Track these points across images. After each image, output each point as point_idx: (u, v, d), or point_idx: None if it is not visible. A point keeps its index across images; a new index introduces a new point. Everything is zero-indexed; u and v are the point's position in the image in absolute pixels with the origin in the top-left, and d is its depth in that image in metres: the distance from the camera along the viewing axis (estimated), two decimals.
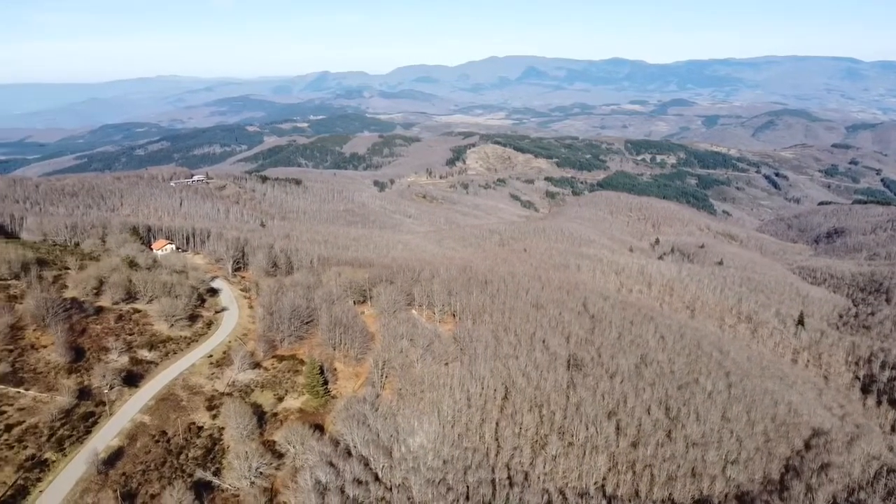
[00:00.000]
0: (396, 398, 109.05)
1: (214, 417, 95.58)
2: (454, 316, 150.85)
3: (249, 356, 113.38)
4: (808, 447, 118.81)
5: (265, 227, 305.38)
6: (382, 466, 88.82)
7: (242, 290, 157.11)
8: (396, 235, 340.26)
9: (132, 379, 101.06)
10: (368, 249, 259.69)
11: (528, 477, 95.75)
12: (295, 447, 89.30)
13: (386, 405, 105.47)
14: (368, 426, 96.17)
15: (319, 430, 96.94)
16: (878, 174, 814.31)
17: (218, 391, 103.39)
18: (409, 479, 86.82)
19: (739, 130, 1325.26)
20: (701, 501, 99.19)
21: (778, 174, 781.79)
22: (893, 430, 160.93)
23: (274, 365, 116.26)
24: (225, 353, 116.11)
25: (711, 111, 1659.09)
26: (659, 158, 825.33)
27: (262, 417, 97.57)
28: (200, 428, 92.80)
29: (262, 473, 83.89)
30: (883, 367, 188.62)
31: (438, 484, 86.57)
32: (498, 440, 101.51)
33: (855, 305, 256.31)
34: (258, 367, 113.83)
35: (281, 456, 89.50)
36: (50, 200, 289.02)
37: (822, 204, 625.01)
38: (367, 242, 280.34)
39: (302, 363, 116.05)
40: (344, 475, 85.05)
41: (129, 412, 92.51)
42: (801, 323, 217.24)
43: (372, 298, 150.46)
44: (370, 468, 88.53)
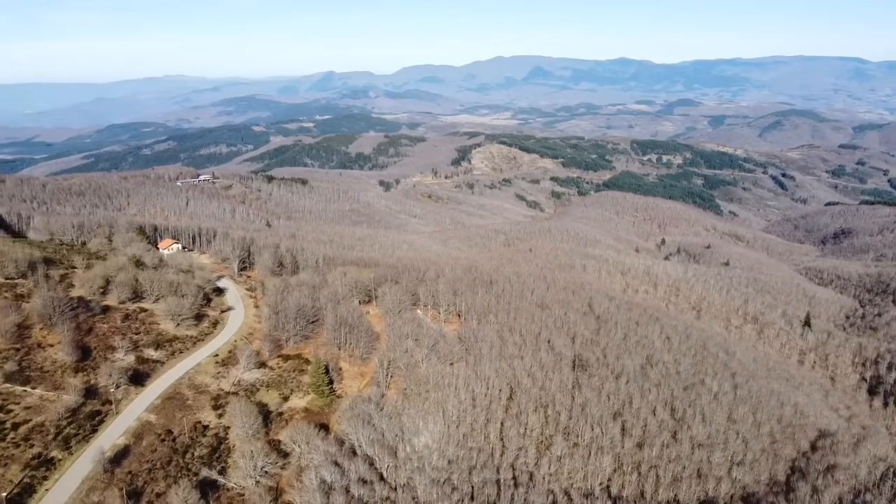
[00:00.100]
0: (401, 398, 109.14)
1: (220, 416, 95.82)
2: (459, 316, 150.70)
3: (255, 355, 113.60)
4: (814, 449, 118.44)
5: (271, 226, 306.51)
6: (387, 466, 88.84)
7: (248, 289, 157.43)
8: (402, 235, 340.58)
9: (138, 378, 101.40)
10: (374, 249, 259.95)
11: (533, 477, 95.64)
12: (300, 446, 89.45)
13: (391, 405, 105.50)
14: (373, 426, 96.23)
15: (324, 429, 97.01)
16: (885, 175, 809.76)
17: (224, 390, 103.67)
18: (413, 478, 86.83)
19: (746, 131, 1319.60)
20: (706, 502, 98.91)
21: (785, 175, 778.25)
22: None
23: (279, 364, 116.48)
24: (231, 352, 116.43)
25: (718, 111, 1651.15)
26: (665, 159, 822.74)
27: (267, 417, 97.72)
28: (206, 427, 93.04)
29: (267, 472, 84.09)
30: (890, 368, 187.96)
31: (443, 484, 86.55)
32: (503, 440, 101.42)
33: (862, 306, 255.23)
34: (264, 366, 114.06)
35: (286, 455, 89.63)
36: (57, 200, 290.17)
37: (828, 205, 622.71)
38: (372, 242, 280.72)
39: (307, 363, 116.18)
40: (349, 475, 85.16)
41: (135, 411, 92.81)
42: (807, 324, 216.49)
43: (377, 298, 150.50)
44: (375, 468, 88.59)
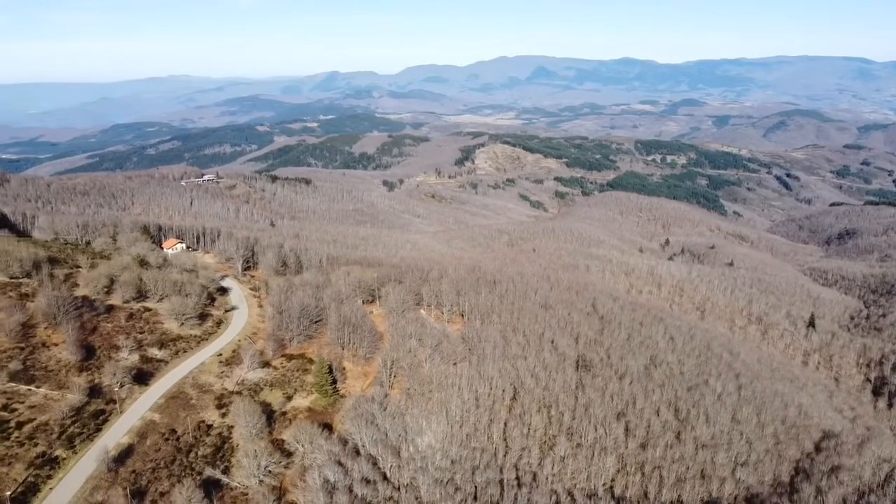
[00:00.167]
0: (405, 398, 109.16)
1: (224, 416, 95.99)
2: (463, 316, 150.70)
3: (259, 355, 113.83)
4: (818, 450, 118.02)
5: (275, 226, 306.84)
6: (391, 466, 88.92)
7: (252, 289, 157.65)
8: (405, 235, 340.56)
9: (142, 377, 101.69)
10: (377, 249, 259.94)
11: (536, 478, 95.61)
12: (304, 446, 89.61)
13: (394, 405, 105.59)
14: (377, 425, 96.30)
15: (328, 429, 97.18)
16: (890, 175, 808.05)
17: (227, 390, 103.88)
18: (417, 478, 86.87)
19: (750, 131, 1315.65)
20: (710, 503, 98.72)
21: (789, 175, 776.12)
22: None
23: (283, 364, 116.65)
24: (234, 351, 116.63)
25: (722, 111, 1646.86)
26: (669, 159, 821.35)
27: (271, 416, 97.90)
28: (210, 426, 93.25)
29: (270, 472, 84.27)
30: (894, 369, 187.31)
31: (446, 484, 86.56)
32: (506, 440, 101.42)
33: (866, 307, 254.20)
34: (267, 365, 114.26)
35: (290, 455, 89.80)
36: (61, 199, 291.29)
37: (833, 205, 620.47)
38: (375, 242, 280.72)
39: (311, 362, 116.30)
40: (352, 474, 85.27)
41: (139, 410, 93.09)
42: (811, 325, 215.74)
43: (381, 298, 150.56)
44: (378, 467, 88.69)
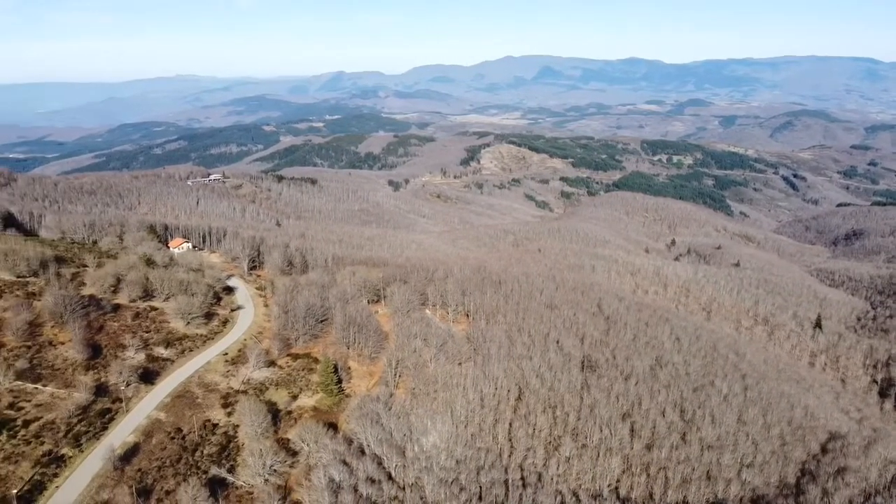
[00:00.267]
0: (410, 397, 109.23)
1: (229, 415, 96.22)
2: (468, 316, 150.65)
3: (264, 354, 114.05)
4: (824, 451, 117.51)
5: (281, 226, 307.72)
6: (395, 465, 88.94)
7: (258, 288, 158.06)
8: (410, 235, 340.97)
9: (148, 376, 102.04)
10: (383, 249, 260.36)
11: (541, 478, 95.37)
12: (309, 445, 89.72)
13: (399, 404, 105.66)
14: (382, 425, 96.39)
15: (333, 428, 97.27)
16: None
17: (233, 389, 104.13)
18: (421, 478, 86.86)
19: (757, 131, 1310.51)
20: None
21: (796, 175, 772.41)
22: None
23: (288, 363, 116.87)
24: (240, 351, 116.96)
25: (729, 111, 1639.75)
26: (675, 159, 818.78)
27: (276, 415, 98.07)
28: (215, 425, 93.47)
29: (276, 471, 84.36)
30: None
31: (451, 484, 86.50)
32: (511, 441, 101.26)
33: (873, 308, 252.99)
34: (273, 365, 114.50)
35: (295, 454, 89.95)
36: (68, 198, 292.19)
37: (840, 205, 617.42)
38: (381, 242, 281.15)
39: (316, 362, 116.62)
40: (357, 474, 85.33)
41: (145, 409, 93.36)
42: (818, 326, 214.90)
43: (386, 298, 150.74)
44: (383, 467, 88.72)
